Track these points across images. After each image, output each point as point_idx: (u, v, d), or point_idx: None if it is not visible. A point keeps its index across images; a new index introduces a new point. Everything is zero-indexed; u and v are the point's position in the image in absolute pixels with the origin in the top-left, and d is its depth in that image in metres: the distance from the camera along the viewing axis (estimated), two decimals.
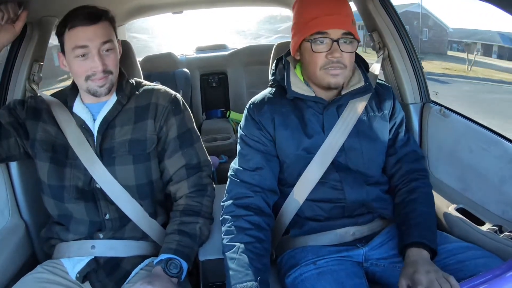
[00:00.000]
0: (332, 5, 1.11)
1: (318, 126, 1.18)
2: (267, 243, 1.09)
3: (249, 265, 1.00)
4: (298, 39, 1.15)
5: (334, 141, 1.16)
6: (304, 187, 1.16)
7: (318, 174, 1.15)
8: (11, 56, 1.41)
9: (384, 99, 1.25)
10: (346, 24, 1.10)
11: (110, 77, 1.16)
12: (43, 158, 1.21)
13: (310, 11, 1.12)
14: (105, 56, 1.13)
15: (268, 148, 1.18)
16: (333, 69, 1.11)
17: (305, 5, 1.16)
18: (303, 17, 1.14)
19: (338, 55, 1.10)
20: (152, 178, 1.23)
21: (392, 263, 1.12)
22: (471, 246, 1.07)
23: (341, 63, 1.11)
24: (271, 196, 1.16)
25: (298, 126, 1.17)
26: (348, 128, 1.16)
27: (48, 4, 1.37)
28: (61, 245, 1.22)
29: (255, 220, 1.09)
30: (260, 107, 1.20)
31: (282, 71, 1.23)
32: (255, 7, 3.19)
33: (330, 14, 1.10)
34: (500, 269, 0.74)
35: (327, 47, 1.10)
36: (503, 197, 1.19)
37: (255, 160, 1.16)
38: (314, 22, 1.10)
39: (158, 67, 2.73)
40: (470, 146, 1.31)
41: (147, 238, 1.23)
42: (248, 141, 1.19)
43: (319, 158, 1.15)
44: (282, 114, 1.19)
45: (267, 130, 1.18)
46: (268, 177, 1.16)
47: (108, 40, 1.13)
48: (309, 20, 1.11)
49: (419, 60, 1.54)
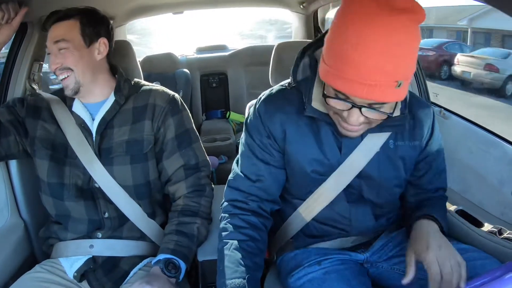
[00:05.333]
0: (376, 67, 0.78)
1: (335, 149, 1.02)
2: (261, 243, 1.06)
3: (240, 263, 0.98)
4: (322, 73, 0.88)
5: (354, 165, 1.01)
6: (312, 208, 1.07)
7: (330, 197, 1.04)
8: (11, 55, 1.41)
9: (421, 126, 1.04)
10: (383, 95, 0.81)
11: (72, 74, 1.17)
12: (43, 156, 1.21)
13: (347, 57, 0.80)
14: (58, 55, 1.16)
15: (275, 158, 1.05)
16: (347, 126, 0.91)
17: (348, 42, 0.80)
18: (337, 56, 0.82)
19: (355, 122, 0.88)
20: (150, 178, 1.23)
21: (392, 265, 1.11)
22: (469, 248, 1.07)
23: (362, 123, 0.90)
24: (268, 204, 1.09)
25: (314, 144, 1.02)
26: (371, 153, 1.01)
27: (49, 3, 1.37)
28: (60, 245, 1.22)
29: (251, 220, 1.06)
30: (271, 114, 1.03)
31: (307, 70, 1.02)
32: (255, 7, 3.19)
33: (365, 81, 0.79)
34: (499, 271, 0.74)
35: (345, 107, 0.87)
36: (503, 199, 1.19)
37: (257, 169, 1.06)
38: (337, 76, 0.82)
39: (158, 67, 2.73)
40: (470, 148, 1.31)
41: (146, 238, 1.23)
42: (253, 147, 1.06)
43: (334, 180, 1.02)
44: (298, 127, 1.02)
45: (276, 141, 1.04)
46: (268, 189, 1.06)
47: (60, 40, 1.16)
48: (335, 69, 0.83)
49: (418, 62, 1.54)
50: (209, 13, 5.27)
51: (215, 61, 3.04)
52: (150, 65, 2.71)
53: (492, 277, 0.74)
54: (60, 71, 1.16)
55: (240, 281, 0.95)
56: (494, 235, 1.12)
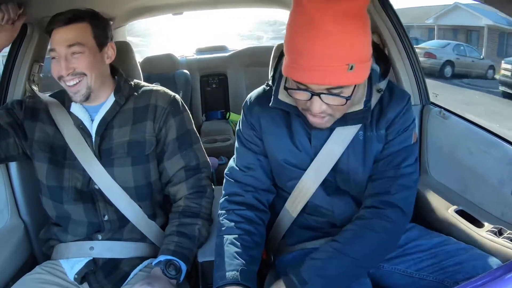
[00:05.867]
0: (326, 52, 0.84)
1: (306, 140, 1.07)
2: (257, 236, 1.08)
3: (234, 257, 1.01)
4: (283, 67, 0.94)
5: (329, 156, 1.05)
6: (298, 201, 1.12)
7: (311, 190, 1.09)
8: (11, 57, 1.41)
9: (386, 114, 1.04)
10: (335, 78, 0.86)
11: (85, 79, 1.14)
12: (41, 159, 1.21)
13: (297, 47, 0.87)
14: (72, 59, 1.12)
15: (261, 148, 1.13)
16: (313, 118, 0.96)
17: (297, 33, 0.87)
18: (290, 48, 0.89)
19: (317, 109, 0.92)
20: (151, 179, 1.23)
21: (392, 265, 1.11)
22: (470, 247, 1.07)
23: (325, 113, 0.94)
24: (264, 194, 1.14)
25: (286, 135, 1.08)
26: (344, 144, 1.04)
27: (49, 4, 1.37)
28: (60, 246, 1.22)
29: (247, 214, 1.09)
30: (251, 107, 1.14)
31: None
32: (255, 8, 3.19)
33: (317, 67, 0.85)
34: (499, 271, 0.74)
35: (307, 96, 0.92)
36: (503, 199, 1.19)
37: (247, 159, 1.13)
38: (296, 69, 0.88)
39: (158, 68, 2.73)
40: (470, 148, 1.31)
41: (146, 239, 1.23)
42: (242, 139, 1.15)
43: (312, 172, 1.07)
44: (271, 118, 1.09)
45: (257, 132, 1.13)
46: (259, 177, 1.13)
47: (75, 43, 1.11)
48: (292, 61, 0.89)
49: (419, 62, 1.54)
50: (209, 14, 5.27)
51: (215, 62, 3.04)
52: (150, 66, 2.71)
53: (492, 277, 0.73)
54: (72, 77, 1.13)
55: (233, 273, 0.98)
56: (494, 235, 1.12)
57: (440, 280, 1.03)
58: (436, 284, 1.03)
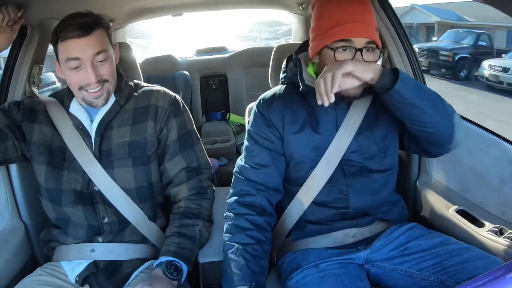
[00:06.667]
0: (357, 12, 1.06)
1: (330, 123, 1.14)
2: (267, 244, 1.09)
3: (246, 268, 1.01)
4: (318, 44, 1.11)
5: (342, 141, 1.12)
6: (310, 190, 1.13)
7: (326, 177, 1.12)
8: (11, 58, 1.41)
9: None
10: (370, 33, 1.06)
11: (106, 85, 1.15)
12: (40, 161, 1.20)
13: (334, 16, 1.07)
14: (99, 67, 1.11)
15: (276, 145, 1.16)
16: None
17: (328, 9, 1.09)
18: (325, 22, 1.09)
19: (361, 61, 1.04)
20: (152, 180, 1.22)
21: (393, 265, 1.11)
22: (471, 247, 1.07)
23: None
24: (274, 195, 1.15)
25: (309, 123, 1.14)
26: (355, 127, 1.13)
27: (48, 6, 1.37)
28: (61, 248, 1.22)
29: (257, 220, 1.09)
30: (270, 104, 1.18)
31: (294, 69, 1.20)
32: (254, 9, 3.20)
33: (355, 21, 1.05)
34: (500, 271, 0.74)
35: (350, 55, 1.05)
36: (503, 199, 1.19)
37: (261, 157, 1.14)
38: (338, 30, 1.05)
39: (158, 69, 2.74)
40: (470, 148, 1.31)
41: (147, 241, 1.22)
42: (255, 137, 1.17)
43: (326, 159, 1.12)
44: (293, 110, 1.16)
45: (276, 128, 1.16)
46: (273, 176, 1.14)
47: (101, 51, 1.10)
48: (332, 26, 1.06)
49: (418, 62, 1.54)
50: (208, 15, 5.29)
51: (214, 63, 3.04)
52: (150, 67, 2.71)
53: (493, 277, 0.73)
54: (97, 84, 1.12)
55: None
56: (495, 235, 1.12)
57: (442, 280, 1.03)
58: (438, 284, 1.03)
